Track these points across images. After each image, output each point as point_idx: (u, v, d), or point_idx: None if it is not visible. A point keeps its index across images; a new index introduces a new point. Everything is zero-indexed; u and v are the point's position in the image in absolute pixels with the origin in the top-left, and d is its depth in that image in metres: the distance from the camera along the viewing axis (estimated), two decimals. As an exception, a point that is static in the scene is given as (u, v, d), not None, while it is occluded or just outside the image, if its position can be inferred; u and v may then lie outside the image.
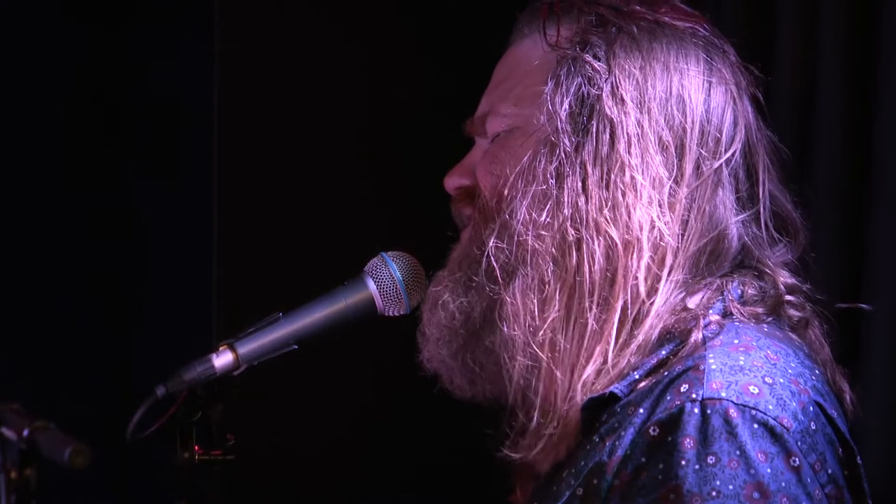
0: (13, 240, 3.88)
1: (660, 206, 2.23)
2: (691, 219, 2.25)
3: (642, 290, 2.21)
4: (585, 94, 2.26)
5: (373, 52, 4.02)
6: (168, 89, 3.94)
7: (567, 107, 2.26)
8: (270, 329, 2.31)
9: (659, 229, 2.22)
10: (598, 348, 2.19)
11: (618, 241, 2.21)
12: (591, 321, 2.20)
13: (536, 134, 2.27)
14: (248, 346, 2.30)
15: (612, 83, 2.25)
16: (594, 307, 2.20)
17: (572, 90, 2.26)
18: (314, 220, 3.94)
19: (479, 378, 2.34)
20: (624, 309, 2.20)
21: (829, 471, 2.09)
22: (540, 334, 2.21)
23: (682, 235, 2.24)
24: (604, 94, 2.25)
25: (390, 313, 2.38)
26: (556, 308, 2.21)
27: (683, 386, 2.10)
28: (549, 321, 2.21)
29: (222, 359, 2.28)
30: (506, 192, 2.27)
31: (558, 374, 2.20)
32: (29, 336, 3.88)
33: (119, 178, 3.95)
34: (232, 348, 2.29)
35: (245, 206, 3.91)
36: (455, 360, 2.34)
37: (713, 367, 2.11)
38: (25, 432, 1.91)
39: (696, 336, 2.18)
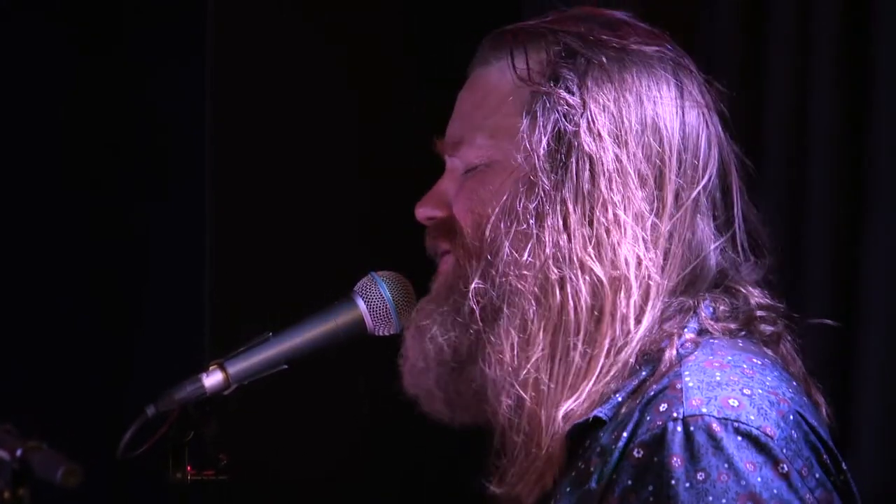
0: (13, 241, 3.89)
1: (644, 241, 2.22)
2: (672, 248, 2.25)
3: (630, 324, 2.20)
4: (562, 131, 2.24)
5: (370, 72, 4.02)
6: (165, 98, 3.94)
7: (545, 144, 2.24)
8: (260, 349, 2.32)
9: (645, 265, 2.21)
10: (583, 384, 2.19)
11: (604, 279, 2.20)
12: (577, 358, 2.19)
13: (515, 171, 2.26)
14: (238, 366, 2.30)
15: (587, 118, 2.23)
16: (580, 344, 2.19)
17: (549, 127, 2.24)
18: (306, 238, 3.95)
19: (460, 405, 2.33)
20: (611, 344, 2.19)
21: (817, 475, 2.09)
22: (523, 374, 2.20)
23: (665, 267, 2.24)
24: (581, 130, 2.23)
25: (380, 333, 2.38)
26: (541, 347, 2.20)
27: (662, 405, 2.10)
28: (532, 360, 2.19)
29: (212, 378, 2.29)
30: (488, 232, 2.26)
31: (542, 412, 2.19)
32: (28, 337, 3.89)
33: (117, 182, 3.96)
34: (222, 368, 2.30)
35: (239, 215, 3.91)
36: (439, 389, 2.32)
37: (690, 384, 2.11)
38: (18, 452, 1.92)
39: (670, 354, 2.18)
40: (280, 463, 3.87)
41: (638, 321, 2.20)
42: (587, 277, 2.20)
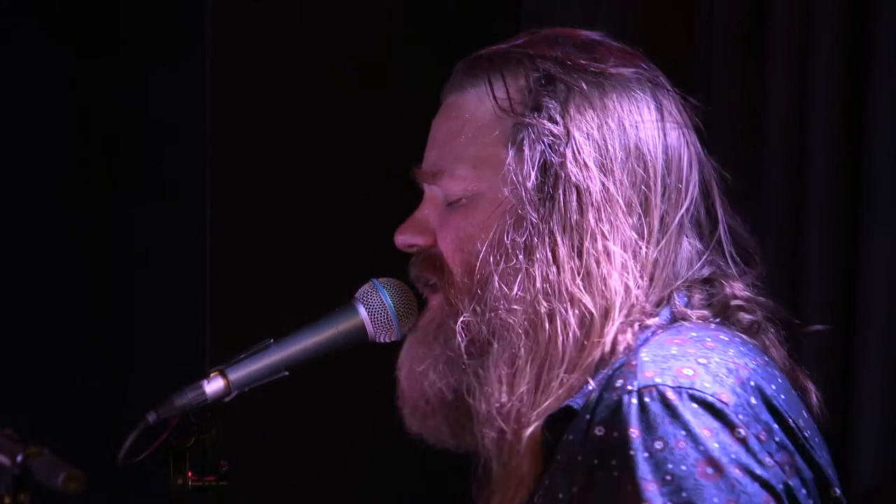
0: (13, 244, 3.90)
1: (631, 269, 2.23)
2: (657, 272, 2.25)
3: (608, 346, 2.21)
4: (549, 162, 2.24)
5: (371, 77, 4.03)
6: (166, 115, 3.95)
7: (532, 177, 2.23)
8: (262, 355, 2.31)
9: (633, 293, 2.22)
10: (553, 402, 2.20)
11: (593, 310, 2.20)
12: (556, 387, 2.20)
13: (502, 205, 2.25)
14: (239, 373, 2.30)
15: (573, 148, 2.23)
16: (562, 374, 2.20)
17: (535, 159, 2.24)
18: (308, 245, 3.95)
19: (465, 434, 2.33)
20: (588, 366, 2.20)
21: (777, 438, 2.10)
22: (507, 407, 2.21)
23: (649, 291, 2.24)
24: (567, 161, 2.23)
25: (381, 340, 2.37)
26: (526, 380, 2.20)
27: (619, 381, 2.11)
28: (517, 394, 2.20)
29: (213, 385, 2.28)
30: (478, 267, 2.25)
31: (520, 441, 2.20)
32: (29, 343, 3.90)
33: (117, 186, 3.96)
34: (223, 374, 2.29)
35: (238, 229, 3.92)
36: (446, 425, 2.33)
37: (645, 359, 2.12)
38: (19, 458, 1.91)
39: (625, 338, 2.19)
40: (281, 469, 3.87)
41: (616, 338, 2.21)
42: (576, 310, 2.21)
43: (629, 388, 2.09)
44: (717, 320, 2.26)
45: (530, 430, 2.18)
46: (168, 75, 3.94)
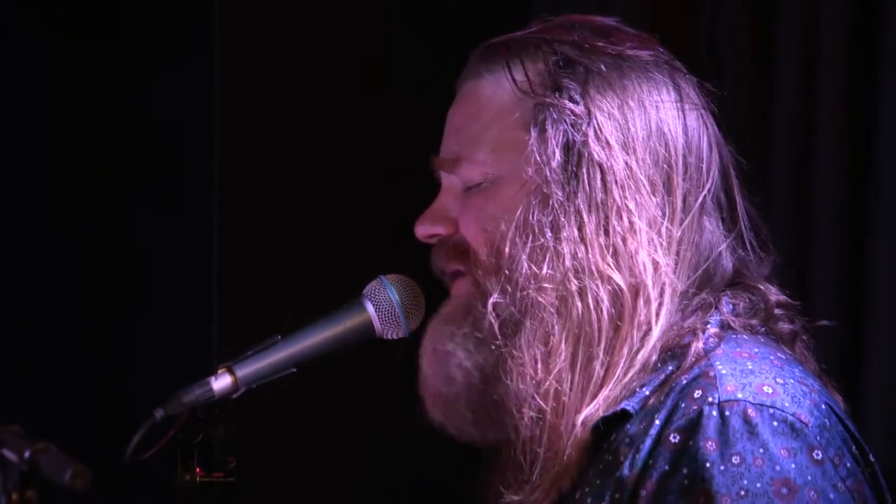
0: (16, 244, 3.90)
1: (659, 245, 2.23)
2: (682, 251, 2.26)
3: (646, 329, 2.21)
4: (571, 141, 2.24)
5: (375, 78, 4.03)
6: (167, 114, 3.95)
7: (556, 156, 2.24)
8: (269, 352, 2.31)
9: (662, 270, 2.23)
10: (602, 391, 2.20)
11: (623, 286, 2.21)
12: (597, 367, 2.21)
13: (526, 185, 2.26)
14: (246, 369, 2.29)
15: (594, 127, 2.24)
16: (601, 353, 2.21)
17: (559, 138, 2.24)
18: (314, 242, 3.95)
19: (487, 422, 2.32)
20: (629, 350, 2.21)
21: (848, 465, 2.11)
22: (545, 386, 2.21)
23: (676, 270, 2.25)
24: (589, 140, 2.23)
25: (389, 336, 2.37)
26: (563, 358, 2.21)
27: (697, 392, 2.12)
28: (554, 372, 2.20)
29: (221, 382, 2.28)
30: (505, 248, 2.25)
31: (562, 421, 2.20)
32: (35, 340, 3.90)
33: (123, 184, 3.96)
34: (230, 371, 2.29)
35: (244, 228, 3.92)
36: (469, 411, 2.32)
37: (723, 372, 2.14)
38: (26, 454, 1.92)
39: (697, 346, 2.19)
40: (288, 466, 3.87)
41: (654, 324, 2.22)
42: (608, 286, 2.21)
43: (710, 399, 2.10)
44: (763, 330, 2.27)
45: (582, 416, 2.19)
46: (169, 74, 3.94)
